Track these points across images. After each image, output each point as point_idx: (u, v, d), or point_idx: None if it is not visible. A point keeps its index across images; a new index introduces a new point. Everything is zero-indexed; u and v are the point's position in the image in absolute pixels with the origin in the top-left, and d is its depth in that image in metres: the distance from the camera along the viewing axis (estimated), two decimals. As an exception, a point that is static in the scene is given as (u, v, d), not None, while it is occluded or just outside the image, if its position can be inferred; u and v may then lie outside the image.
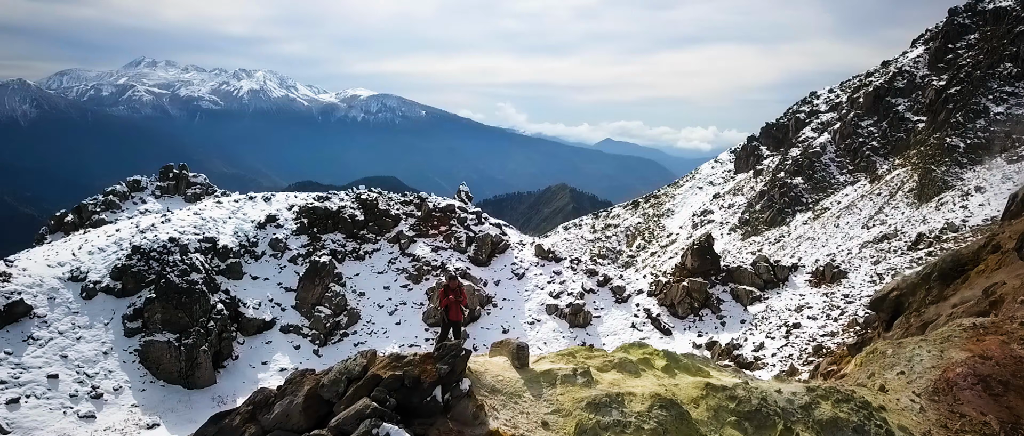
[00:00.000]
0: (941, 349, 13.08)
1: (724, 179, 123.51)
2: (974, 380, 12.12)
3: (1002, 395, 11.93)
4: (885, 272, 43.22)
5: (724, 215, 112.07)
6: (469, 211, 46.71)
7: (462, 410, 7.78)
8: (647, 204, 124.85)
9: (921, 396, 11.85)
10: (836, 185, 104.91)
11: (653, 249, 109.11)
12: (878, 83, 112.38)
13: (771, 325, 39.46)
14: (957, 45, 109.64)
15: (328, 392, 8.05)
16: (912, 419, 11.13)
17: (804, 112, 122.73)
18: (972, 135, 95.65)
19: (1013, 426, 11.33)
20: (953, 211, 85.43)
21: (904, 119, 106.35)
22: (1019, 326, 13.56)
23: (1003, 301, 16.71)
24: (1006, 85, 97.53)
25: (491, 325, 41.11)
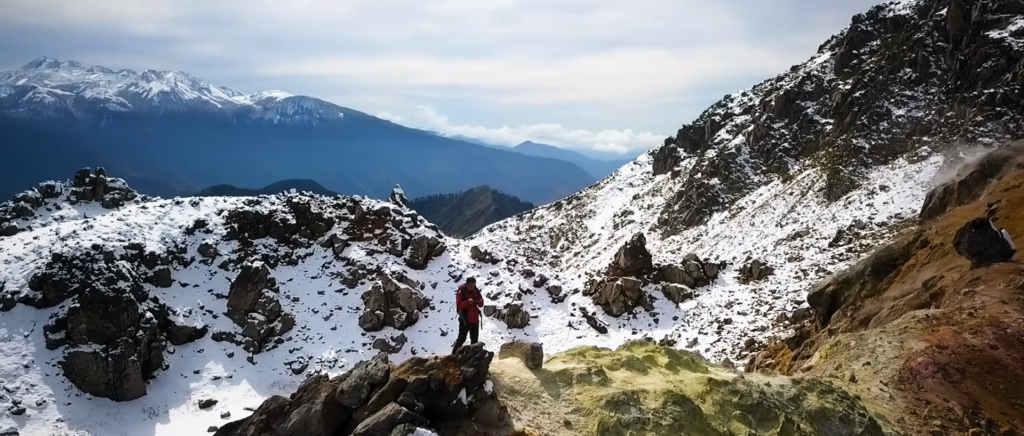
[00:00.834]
0: (901, 340, 13.72)
1: (643, 180, 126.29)
2: (934, 369, 12.80)
3: (960, 382, 12.66)
4: (809, 268, 45.18)
5: (644, 215, 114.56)
6: (404, 214, 46.30)
7: (487, 412, 7.78)
8: (570, 205, 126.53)
9: (888, 385, 12.41)
10: (751, 185, 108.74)
11: (577, 249, 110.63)
12: (788, 87, 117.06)
13: (703, 321, 40.61)
14: (861, 51, 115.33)
15: (349, 398, 7.90)
16: (885, 407, 11.66)
17: (719, 115, 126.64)
18: (876, 137, 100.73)
19: (973, 411, 12.04)
20: (860, 209, 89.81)
21: (813, 121, 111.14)
22: (968, 317, 14.38)
23: (944, 293, 17.67)
24: (906, 89, 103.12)
25: (429, 328, 40.90)
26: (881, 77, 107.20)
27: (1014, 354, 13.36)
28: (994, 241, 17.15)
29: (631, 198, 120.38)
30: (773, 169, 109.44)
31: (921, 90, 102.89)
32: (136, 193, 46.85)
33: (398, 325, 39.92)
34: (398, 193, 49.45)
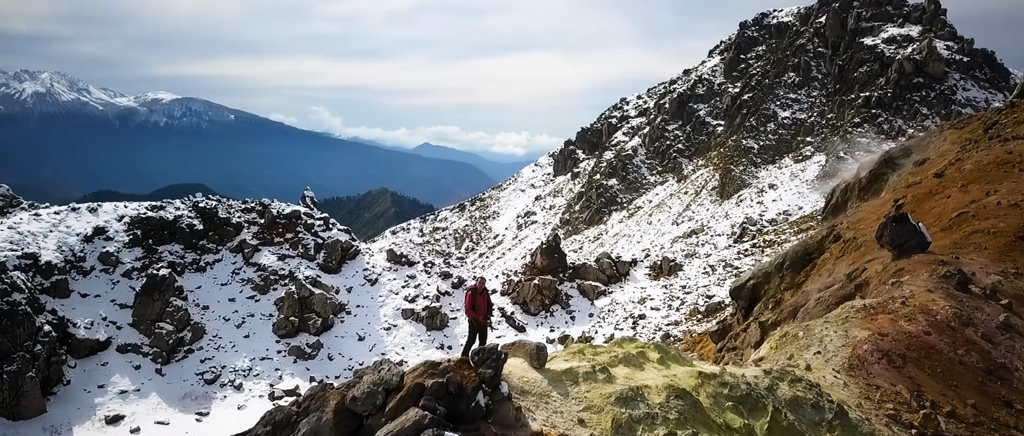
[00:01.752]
0: (845, 329, 14.41)
1: (544, 182, 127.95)
2: (879, 355, 13.53)
3: (903, 367, 13.44)
4: (717, 264, 46.93)
5: (546, 216, 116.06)
6: (316, 217, 45.08)
7: (504, 413, 7.70)
8: (473, 207, 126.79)
9: (841, 372, 13.03)
10: (647, 185, 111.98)
11: (482, 250, 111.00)
12: (681, 90, 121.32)
13: (618, 317, 41.54)
14: (748, 56, 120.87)
15: (362, 405, 7.64)
16: (842, 394, 12.23)
17: (616, 117, 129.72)
18: (764, 137, 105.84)
19: (918, 393, 12.81)
20: (751, 206, 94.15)
21: (705, 123, 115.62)
22: (901, 305, 15.26)
23: (869, 284, 18.69)
24: (791, 92, 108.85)
25: (346, 333, 40.01)
26: (767, 81, 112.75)
27: (945, 339, 14.27)
28: (913, 234, 18.25)
29: (533, 199, 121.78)
30: (668, 169, 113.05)
31: (804, 93, 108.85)
32: (22, 200, 43.64)
33: (314, 331, 38.85)
34: (309, 196, 48.13)
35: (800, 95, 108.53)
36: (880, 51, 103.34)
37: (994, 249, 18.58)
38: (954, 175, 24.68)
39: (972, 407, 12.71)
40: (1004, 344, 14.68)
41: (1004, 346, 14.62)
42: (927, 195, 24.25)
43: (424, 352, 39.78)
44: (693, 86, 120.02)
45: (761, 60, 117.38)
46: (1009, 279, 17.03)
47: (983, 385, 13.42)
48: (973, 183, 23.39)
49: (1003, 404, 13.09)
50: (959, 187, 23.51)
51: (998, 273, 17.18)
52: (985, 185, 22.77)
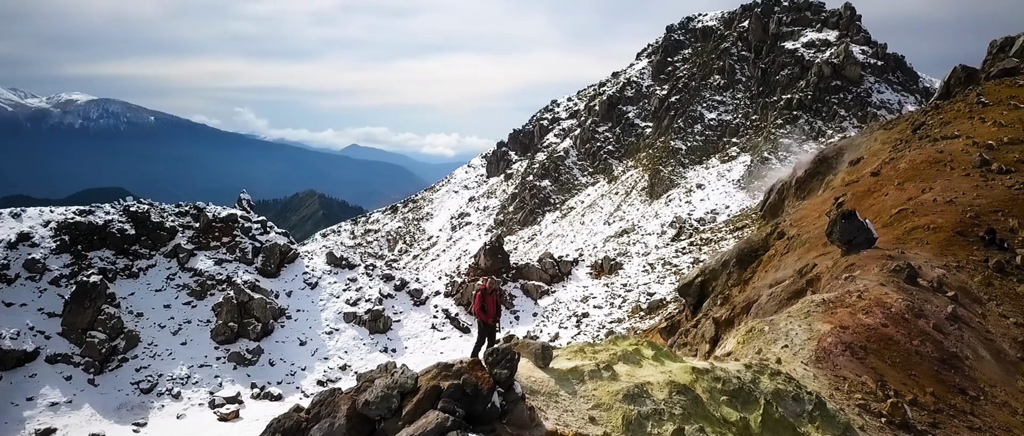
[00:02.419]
0: (808, 323, 14.86)
1: (478, 183, 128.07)
2: (842, 348, 14.02)
3: (865, 358, 13.95)
4: (656, 262, 47.83)
5: (480, 217, 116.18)
6: (253, 220, 43.89)
7: (519, 414, 7.66)
8: (406, 209, 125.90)
9: (809, 365, 13.43)
10: (579, 186, 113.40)
11: (415, 252, 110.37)
12: (610, 92, 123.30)
13: (562, 316, 41.90)
14: (675, 59, 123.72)
15: (376, 409, 7.48)
16: (814, 385, 12.62)
17: (547, 119, 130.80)
18: (691, 138, 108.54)
19: (882, 383, 13.32)
20: (680, 206, 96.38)
21: (634, 125, 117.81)
22: (857, 299, 15.84)
23: (820, 279, 19.33)
24: (716, 94, 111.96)
25: (287, 338, 39.14)
26: (694, 83, 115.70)
27: (902, 330, 14.87)
28: (861, 230, 18.96)
29: (467, 200, 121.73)
30: (599, 170, 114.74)
31: (729, 95, 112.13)
32: (-70, 205, 41.12)
33: (253, 337, 37.85)
34: (245, 199, 46.86)
35: (725, 97, 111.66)
36: (800, 55, 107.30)
37: (935, 244, 19.49)
38: (890, 174, 25.78)
39: (931, 395, 13.27)
40: (954, 334, 15.37)
41: (954, 336, 15.31)
42: (866, 193, 25.25)
43: (367, 356, 39.32)
44: (622, 88, 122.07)
45: (687, 63, 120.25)
46: (952, 272, 17.88)
47: (939, 374, 14.03)
48: (909, 181, 24.48)
49: (958, 391, 13.72)
50: (896, 185, 24.56)
51: (941, 267, 18.02)
52: (920, 183, 23.86)
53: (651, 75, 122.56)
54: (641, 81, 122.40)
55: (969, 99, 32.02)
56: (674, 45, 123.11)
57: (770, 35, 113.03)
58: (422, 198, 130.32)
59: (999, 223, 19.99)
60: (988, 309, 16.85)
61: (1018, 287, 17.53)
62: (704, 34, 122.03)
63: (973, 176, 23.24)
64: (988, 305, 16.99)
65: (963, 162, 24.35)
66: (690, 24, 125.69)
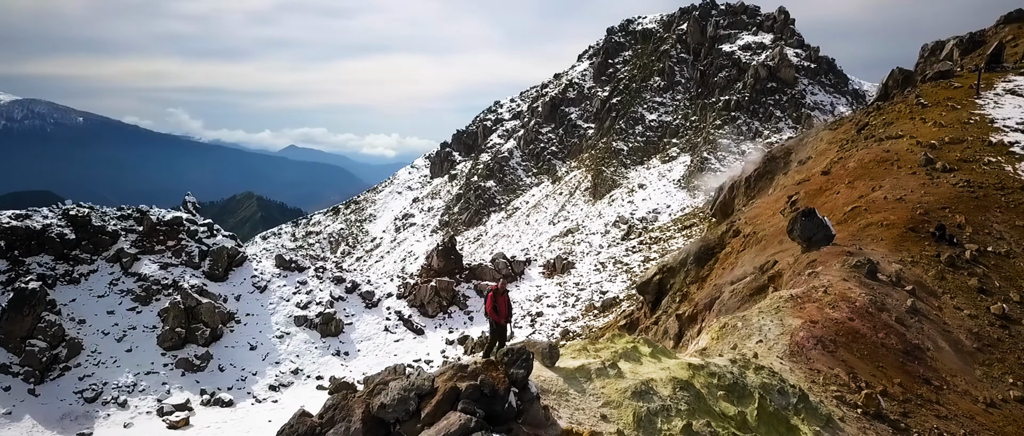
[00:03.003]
0: (779, 318, 15.22)
1: (421, 184, 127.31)
2: (814, 342, 14.41)
3: (836, 352, 14.37)
4: (606, 261, 48.34)
5: (425, 218, 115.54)
6: (199, 223, 42.64)
7: (534, 413, 7.66)
8: (348, 210, 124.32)
9: (785, 359, 13.76)
10: (524, 187, 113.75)
11: (359, 254, 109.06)
12: (553, 94, 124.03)
13: (516, 316, 41.95)
14: (615, 60, 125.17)
15: (393, 412, 7.37)
16: (792, 379, 12.95)
17: (490, 120, 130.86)
18: (633, 139, 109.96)
19: (853, 375, 13.75)
20: (623, 206, 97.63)
21: (577, 126, 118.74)
22: (823, 294, 16.30)
23: (782, 275, 19.83)
24: (656, 96, 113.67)
25: (236, 343, 38.20)
26: (634, 85, 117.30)
27: (867, 324, 15.37)
28: (820, 228, 19.53)
29: (411, 201, 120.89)
30: (543, 171, 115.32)
31: (669, 97, 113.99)
32: None
33: (202, 342, 36.81)
34: (191, 201, 45.52)
35: (665, 99, 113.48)
36: (737, 58, 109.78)
37: (889, 240, 20.20)
38: (840, 172, 26.61)
39: (899, 386, 13.75)
40: (914, 327, 15.96)
41: (915, 328, 15.89)
42: (818, 191, 26.01)
43: (319, 360, 38.74)
44: (564, 90, 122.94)
45: (628, 65, 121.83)
46: (908, 267, 18.57)
47: (904, 365, 14.53)
48: (858, 180, 25.32)
49: (923, 382, 14.24)
50: (846, 184, 25.38)
51: (898, 262, 18.70)
52: (870, 181, 24.70)
53: (592, 77, 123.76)
54: (583, 83, 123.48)
55: (909, 100, 33.28)
56: (615, 47, 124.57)
57: (708, 38, 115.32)
58: (364, 199, 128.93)
59: (947, 219, 20.84)
60: (943, 302, 17.56)
61: (969, 280, 18.31)
62: (644, 36, 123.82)
63: (919, 174, 24.18)
64: (943, 298, 17.70)
65: (909, 161, 25.32)
66: (630, 26, 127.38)
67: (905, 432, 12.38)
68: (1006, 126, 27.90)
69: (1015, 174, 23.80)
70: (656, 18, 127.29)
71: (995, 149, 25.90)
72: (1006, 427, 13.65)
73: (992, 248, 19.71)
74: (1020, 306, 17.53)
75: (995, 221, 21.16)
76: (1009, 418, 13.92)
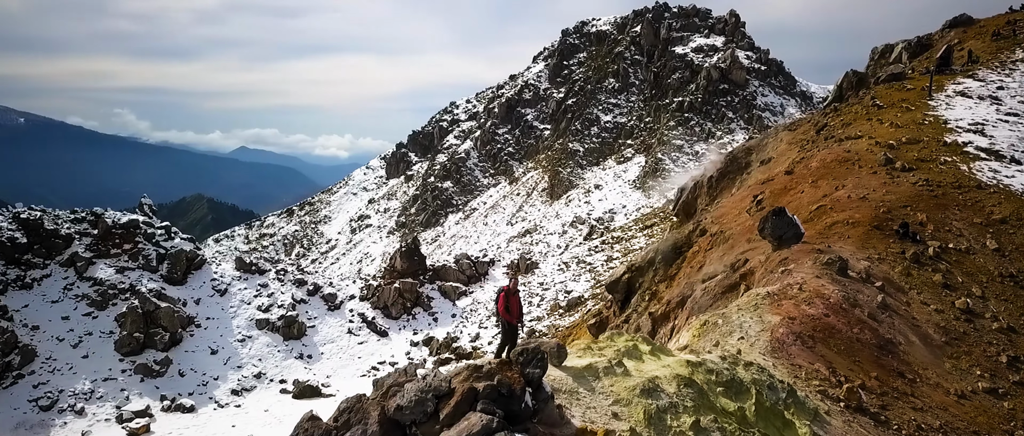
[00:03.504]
0: (758, 315, 15.51)
1: (377, 185, 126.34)
2: (793, 337, 14.73)
3: (814, 347, 14.71)
4: (570, 261, 48.59)
5: (381, 219, 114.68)
6: (156, 226, 41.61)
7: (549, 413, 7.68)
8: (302, 211, 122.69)
9: (767, 355, 14.03)
10: (481, 187, 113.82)
11: (314, 256, 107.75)
12: (509, 95, 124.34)
13: (481, 316, 41.96)
14: (570, 62, 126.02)
15: (411, 414, 7.31)
16: (777, 374, 13.22)
17: (446, 121, 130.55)
18: (589, 140, 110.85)
19: (832, 370, 14.09)
20: (580, 206, 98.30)
21: (533, 127, 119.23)
22: (798, 291, 16.65)
23: (753, 273, 20.19)
24: (611, 97, 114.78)
25: (197, 347, 37.41)
26: (589, 86, 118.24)
27: (842, 319, 15.76)
28: (790, 226, 19.94)
29: (367, 202, 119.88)
30: (500, 172, 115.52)
31: (623, 98, 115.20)
32: None
33: (161, 347, 35.98)
34: (147, 204, 44.43)
35: (620, 100, 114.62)
36: (690, 59, 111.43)
37: (856, 238, 20.72)
38: (803, 172, 27.20)
39: (876, 380, 14.13)
40: (886, 322, 16.41)
41: (886, 324, 16.34)
42: (783, 191, 26.54)
43: (282, 364, 38.21)
44: (520, 91, 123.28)
45: (583, 67, 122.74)
46: (875, 264, 19.07)
47: (879, 359, 14.94)
48: (821, 179, 25.91)
49: (897, 375, 14.66)
50: (810, 183, 25.95)
51: (866, 259, 19.19)
52: (833, 181, 25.30)
53: (548, 78, 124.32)
54: (538, 84, 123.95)
55: (865, 102, 34.19)
56: (570, 49, 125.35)
57: (661, 40, 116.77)
58: (319, 201, 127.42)
59: (909, 217, 21.46)
60: (911, 297, 18.08)
61: (934, 276, 18.89)
62: (598, 38, 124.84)
63: (880, 174, 24.85)
64: (910, 294, 18.23)
65: (870, 161, 26.00)
66: (585, 28, 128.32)
67: (885, 425, 12.74)
68: (959, 127, 28.87)
69: (970, 173, 24.63)
70: (610, 20, 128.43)
71: (950, 149, 26.77)
72: (977, 418, 14.13)
73: (953, 245, 20.36)
74: (982, 301, 18.15)
75: (954, 219, 21.86)
76: (979, 409, 14.40)
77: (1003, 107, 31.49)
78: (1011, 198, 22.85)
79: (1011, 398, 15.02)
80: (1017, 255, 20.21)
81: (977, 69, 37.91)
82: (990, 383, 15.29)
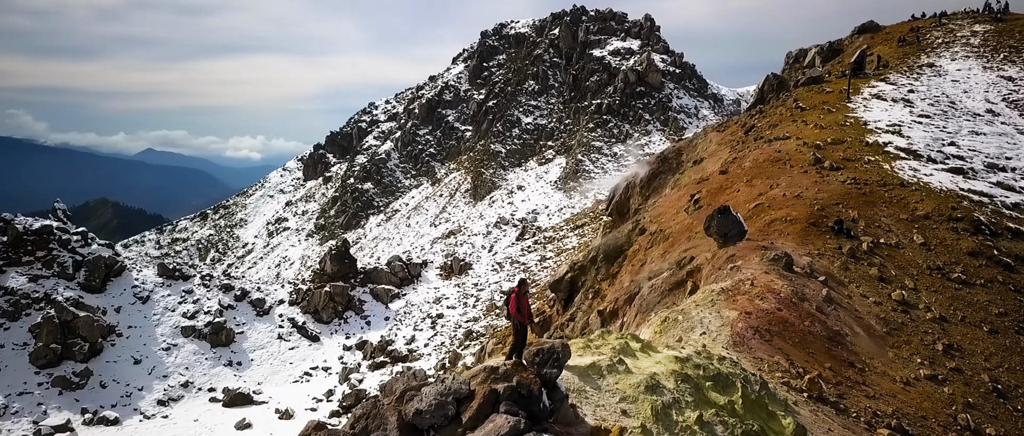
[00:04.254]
0: (717, 311, 15.96)
1: (294, 187, 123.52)
2: (752, 332, 15.23)
3: (772, 340, 15.24)
4: (503, 261, 48.69)
5: (299, 222, 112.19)
6: (72, 232, 39.42)
7: (565, 412, 7.71)
8: (217, 215, 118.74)
9: (729, 349, 14.46)
10: (403, 189, 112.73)
11: (230, 260, 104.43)
12: (429, 96, 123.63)
13: (415, 318, 41.62)
14: (490, 64, 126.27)
15: (431, 418, 7.20)
16: (749, 367, 13.64)
17: (365, 121, 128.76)
18: (510, 142, 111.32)
19: (790, 362, 14.65)
20: (503, 207, 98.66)
21: (454, 128, 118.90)
22: (750, 287, 17.21)
23: (700, 270, 20.76)
24: (532, 99, 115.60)
25: (119, 357, 35.72)
26: (510, 88, 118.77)
27: (793, 313, 16.38)
28: (735, 224, 20.58)
29: (284, 205, 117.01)
30: (422, 173, 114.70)
31: (544, 100, 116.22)
32: None
33: (80, 358, 34.20)
34: (60, 209, 42.10)
35: (540, 102, 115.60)
36: (607, 62, 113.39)
37: (795, 234, 21.55)
38: (738, 172, 28.10)
39: (830, 370, 14.76)
40: (832, 315, 17.14)
41: (833, 316, 17.07)
42: (719, 190, 27.36)
43: (211, 372, 36.99)
44: (440, 92, 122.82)
45: (503, 68, 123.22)
46: (816, 259, 19.89)
47: (830, 350, 15.60)
48: (756, 178, 26.83)
49: (848, 365, 15.35)
50: (745, 182, 26.83)
51: (807, 255, 19.99)
52: (767, 180, 26.23)
53: (468, 79, 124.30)
54: (459, 85, 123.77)
55: (788, 104, 35.59)
56: (489, 50, 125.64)
57: (579, 43, 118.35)
58: (234, 204, 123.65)
59: (843, 214, 22.47)
60: (851, 291, 18.94)
61: (870, 270, 19.84)
62: (517, 41, 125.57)
63: (811, 173, 25.92)
64: (850, 287, 19.10)
65: (800, 160, 27.09)
66: (504, 30, 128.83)
67: (845, 413, 13.31)
68: (878, 128, 30.39)
69: (893, 172, 25.96)
70: (529, 23, 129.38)
71: (872, 149, 28.15)
72: (923, 403, 14.93)
73: (884, 240, 21.42)
74: (915, 293, 19.17)
75: (882, 215, 23.00)
76: (924, 394, 15.22)
77: (915, 109, 33.33)
78: (932, 195, 24.20)
79: (950, 384, 15.92)
80: (941, 249, 21.43)
81: (888, 73, 40.02)
82: (930, 370, 16.17)
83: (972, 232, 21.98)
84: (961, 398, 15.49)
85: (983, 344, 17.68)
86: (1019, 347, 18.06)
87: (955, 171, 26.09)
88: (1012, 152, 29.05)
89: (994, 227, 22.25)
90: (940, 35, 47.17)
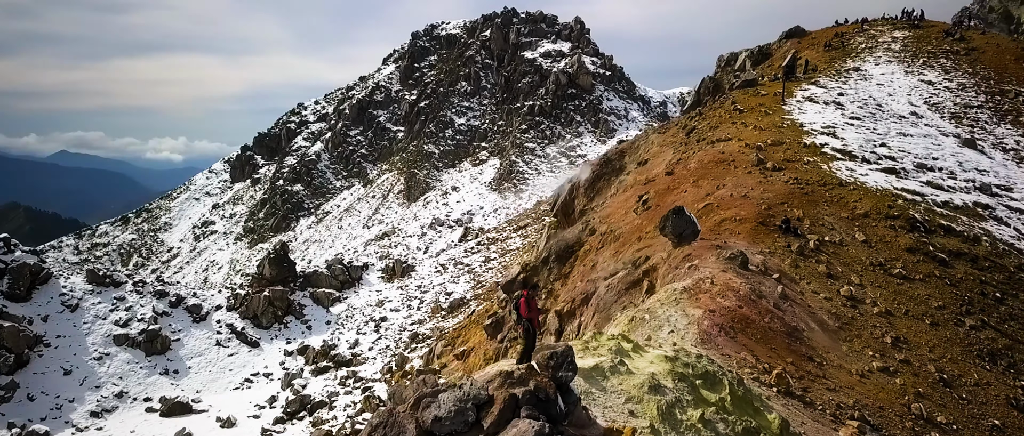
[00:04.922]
0: (682, 309, 16.30)
1: (221, 189, 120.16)
2: (717, 329, 15.62)
3: (736, 337, 15.67)
4: (447, 263, 48.42)
5: (227, 225, 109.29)
6: (-8, 237, 37.54)
7: (578, 415, 7.73)
8: (139, 219, 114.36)
9: (698, 347, 14.80)
10: (334, 190, 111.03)
11: (154, 265, 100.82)
12: (360, 96, 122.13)
13: (358, 322, 41.07)
14: (422, 64, 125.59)
15: (451, 424, 7.11)
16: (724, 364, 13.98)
17: (294, 122, 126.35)
18: (444, 143, 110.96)
19: (756, 358, 15.09)
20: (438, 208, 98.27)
21: (386, 129, 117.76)
22: (711, 285, 17.64)
23: (656, 270, 21.17)
24: (464, 101, 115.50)
25: (47, 368, 34.07)
26: (442, 89, 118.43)
27: (753, 310, 16.86)
28: (689, 224, 21.08)
29: (210, 208, 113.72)
30: (354, 174, 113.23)
31: (476, 102, 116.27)
32: None
33: (6, 370, 32.48)
34: (-21, 212, 39.98)
35: (473, 103, 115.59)
36: (539, 64, 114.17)
37: (744, 233, 22.17)
38: (684, 172, 28.71)
39: (792, 365, 15.26)
40: (789, 311, 17.71)
41: (789, 312, 17.65)
42: (666, 190, 27.90)
43: (147, 381, 35.73)
44: (371, 93, 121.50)
45: (434, 69, 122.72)
46: (767, 257, 20.51)
47: (790, 346, 16.12)
48: (702, 179, 27.47)
49: (808, 359, 15.89)
50: (692, 183, 27.44)
51: (759, 253, 20.59)
52: (713, 180, 26.90)
53: (399, 80, 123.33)
54: (390, 86, 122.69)
55: (726, 106, 36.55)
56: (420, 51, 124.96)
57: (511, 44, 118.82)
58: (158, 207, 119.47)
59: (789, 213, 23.22)
60: (802, 287, 19.60)
61: (818, 267, 20.57)
62: (449, 42, 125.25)
63: (755, 173, 26.70)
64: (801, 284, 19.77)
65: (743, 161, 27.86)
66: (435, 31, 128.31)
67: (811, 406, 13.78)
68: (814, 130, 31.51)
69: (831, 172, 26.97)
70: (460, 24, 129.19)
71: (810, 150, 29.17)
72: (879, 394, 15.57)
73: (829, 238, 22.24)
74: (862, 288, 19.97)
75: (825, 214, 23.88)
76: (879, 386, 15.89)
77: (846, 112, 34.69)
78: (869, 194, 25.24)
79: (900, 375, 16.64)
80: (882, 246, 22.37)
81: (818, 77, 41.54)
82: (882, 362, 16.89)
83: (908, 229, 22.99)
84: (912, 388, 16.19)
85: (927, 336, 18.54)
86: (958, 338, 19.00)
87: (888, 171, 27.26)
88: (937, 153, 30.55)
89: (928, 224, 23.34)
90: (863, 40, 49.21)
